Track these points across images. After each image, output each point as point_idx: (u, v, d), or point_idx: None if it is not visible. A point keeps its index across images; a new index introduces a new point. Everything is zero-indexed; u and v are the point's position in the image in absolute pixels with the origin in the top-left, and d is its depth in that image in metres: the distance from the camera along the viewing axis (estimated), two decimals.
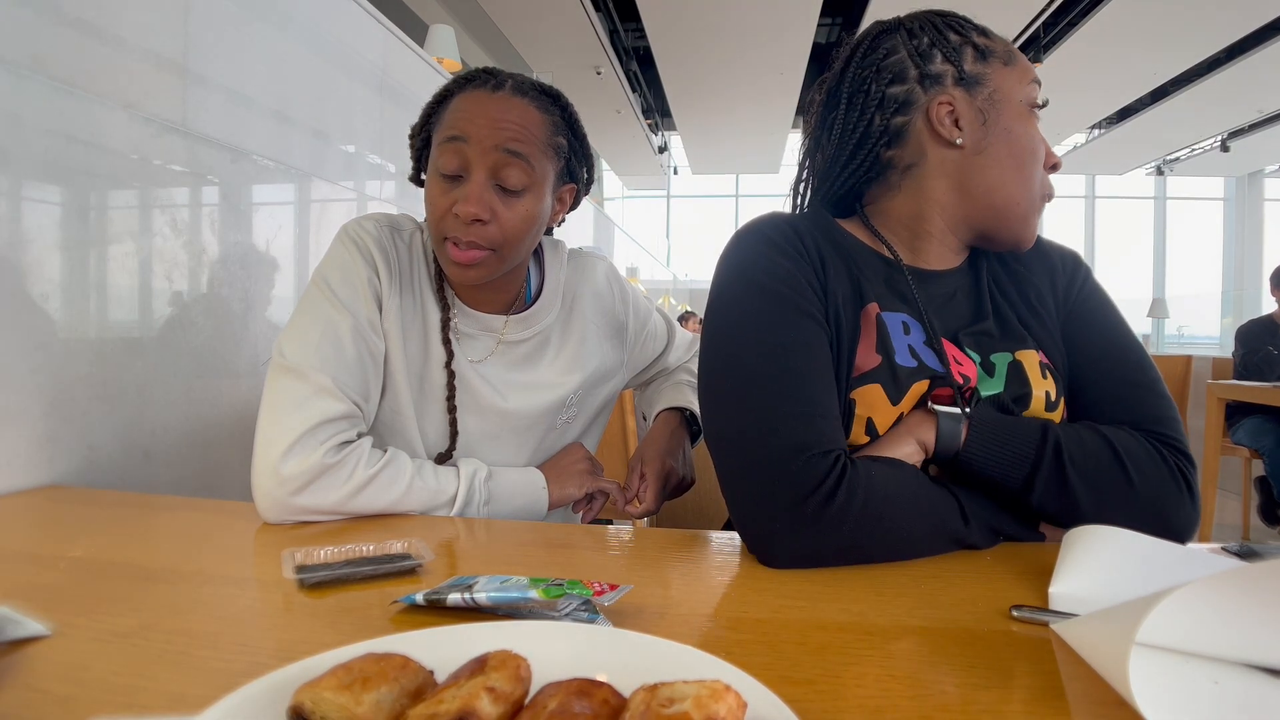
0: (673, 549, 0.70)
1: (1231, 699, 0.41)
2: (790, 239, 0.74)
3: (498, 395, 0.91)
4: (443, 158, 0.80)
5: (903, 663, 0.46)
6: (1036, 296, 0.79)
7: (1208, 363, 4.16)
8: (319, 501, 0.76)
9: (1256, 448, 3.06)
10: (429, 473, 0.83)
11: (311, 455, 0.75)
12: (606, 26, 6.10)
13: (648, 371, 1.14)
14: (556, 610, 0.48)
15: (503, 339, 0.92)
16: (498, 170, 0.80)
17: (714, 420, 0.70)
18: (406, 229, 0.91)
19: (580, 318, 0.98)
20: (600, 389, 1.01)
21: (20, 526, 0.78)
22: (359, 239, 0.86)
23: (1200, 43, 5.80)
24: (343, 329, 0.81)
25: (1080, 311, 0.80)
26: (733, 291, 0.73)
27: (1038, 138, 0.75)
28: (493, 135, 0.80)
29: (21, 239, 0.95)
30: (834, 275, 0.74)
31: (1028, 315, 0.79)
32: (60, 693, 0.41)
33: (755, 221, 0.79)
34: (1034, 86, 0.75)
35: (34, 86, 0.95)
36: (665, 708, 0.31)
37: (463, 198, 0.79)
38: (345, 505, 0.77)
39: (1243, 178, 10.10)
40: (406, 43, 1.99)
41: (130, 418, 1.10)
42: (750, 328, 0.70)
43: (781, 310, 0.70)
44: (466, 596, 0.50)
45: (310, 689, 0.33)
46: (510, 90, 0.84)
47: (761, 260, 0.73)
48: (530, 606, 0.48)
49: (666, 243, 12.60)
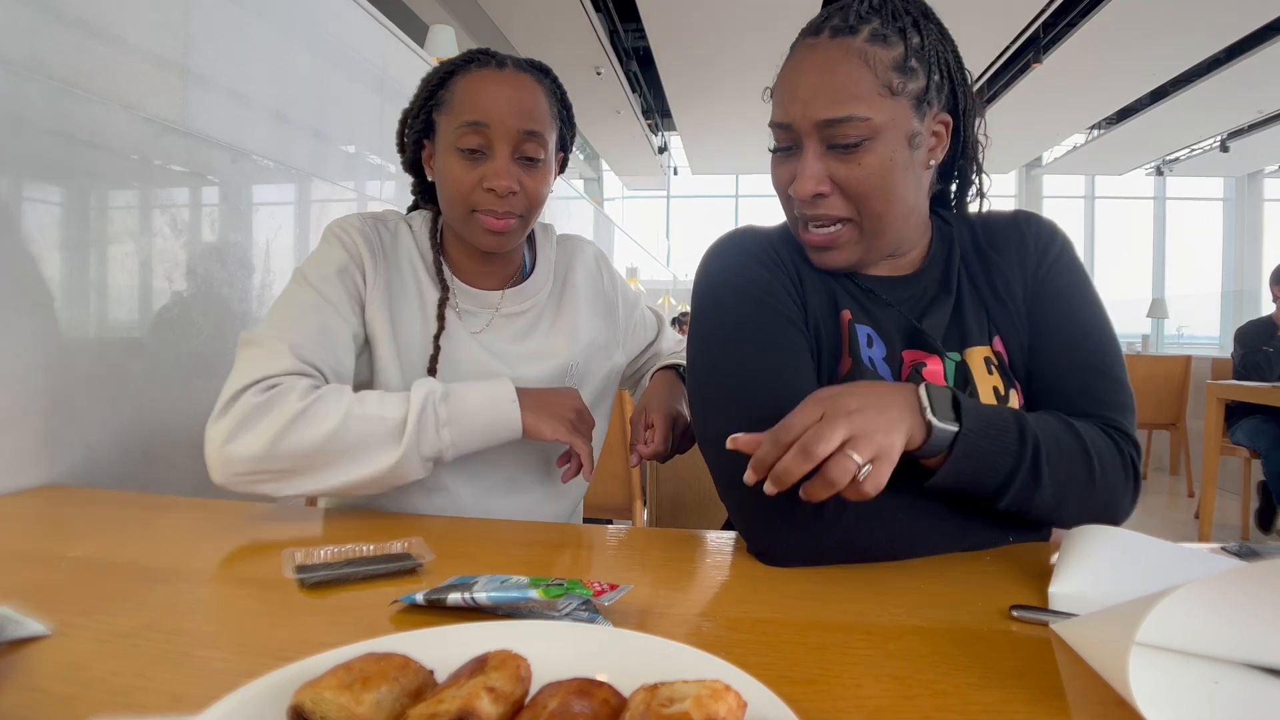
0: (673, 549, 0.70)
1: (1231, 699, 0.41)
2: (767, 251, 0.76)
3: (503, 364, 0.92)
4: (464, 139, 0.84)
5: (903, 663, 0.46)
6: (1003, 282, 0.78)
7: (1207, 363, 4.16)
8: (248, 448, 0.73)
9: (1254, 448, 3.06)
10: (371, 400, 0.77)
11: (243, 401, 0.75)
12: (606, 26, 6.10)
13: (642, 358, 1.15)
14: (556, 610, 0.48)
15: (500, 312, 0.95)
16: (519, 146, 0.85)
17: (708, 423, 0.70)
18: (391, 220, 0.95)
19: (573, 292, 1.01)
20: (600, 362, 1.02)
21: (20, 526, 0.78)
22: (340, 233, 0.89)
23: (1200, 43, 5.80)
24: (306, 304, 0.84)
25: (1045, 291, 0.77)
26: (716, 298, 0.74)
27: (774, 167, 0.75)
28: (514, 117, 0.84)
29: (21, 239, 0.95)
30: (810, 287, 0.75)
31: (994, 303, 0.77)
32: (60, 693, 0.41)
33: (730, 235, 0.80)
34: (770, 120, 0.73)
35: (34, 86, 0.95)
36: (665, 708, 0.31)
37: (492, 174, 0.84)
38: (276, 447, 0.73)
39: (1242, 178, 10.10)
40: (406, 43, 1.99)
41: (130, 418, 1.10)
42: (738, 331, 0.71)
43: (766, 315, 0.71)
44: (466, 596, 0.50)
45: (310, 689, 0.33)
46: (514, 68, 0.88)
47: (742, 270, 0.74)
48: (530, 606, 0.48)
49: (666, 243, 12.60)
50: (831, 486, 0.54)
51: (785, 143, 0.72)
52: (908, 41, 0.68)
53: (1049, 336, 0.75)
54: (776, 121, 0.71)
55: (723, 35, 5.87)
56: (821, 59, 0.68)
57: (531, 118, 0.85)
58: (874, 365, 0.72)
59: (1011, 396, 0.73)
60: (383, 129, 1.85)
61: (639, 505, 1.71)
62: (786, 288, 0.74)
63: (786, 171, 0.72)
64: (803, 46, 0.70)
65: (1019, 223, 0.81)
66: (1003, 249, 0.79)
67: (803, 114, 0.68)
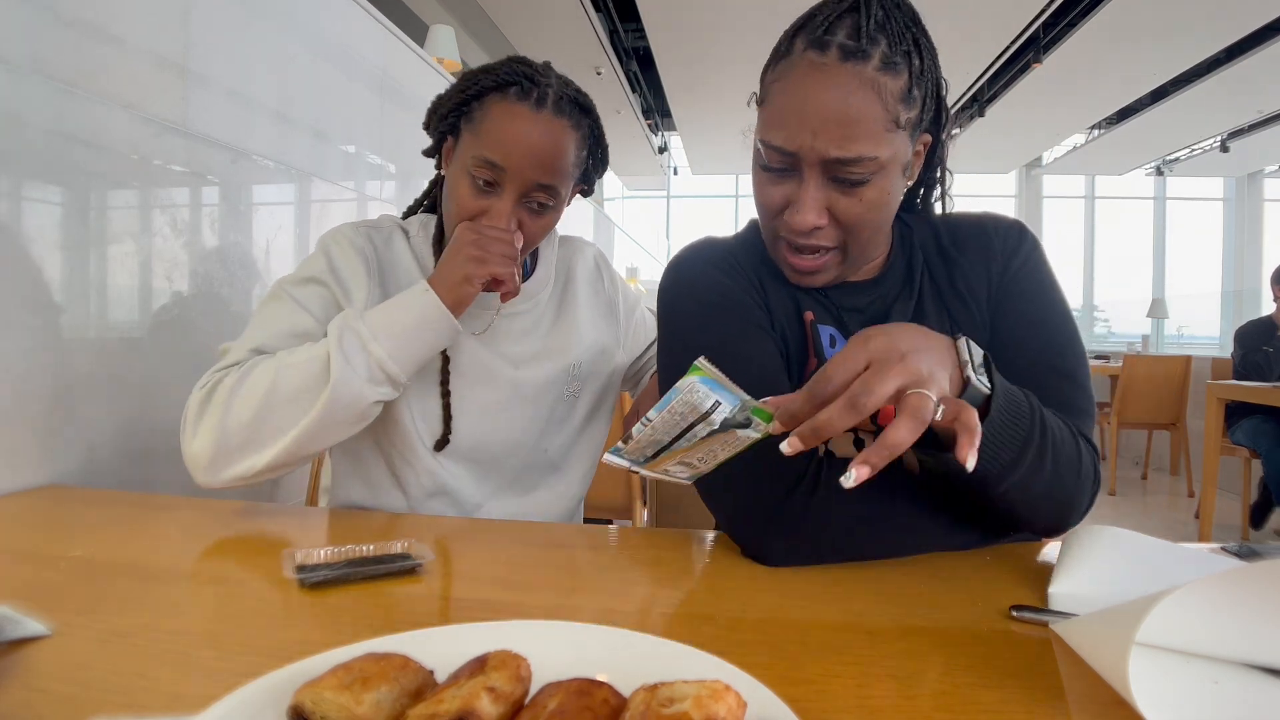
0: (673, 549, 0.70)
1: (1231, 699, 0.41)
2: (727, 260, 0.76)
3: (507, 364, 0.92)
4: (478, 169, 0.82)
5: (902, 663, 0.46)
6: (965, 283, 0.77)
7: (1207, 363, 4.16)
8: (203, 439, 0.75)
9: (1254, 448, 3.06)
10: (300, 350, 0.78)
11: (189, 406, 0.77)
12: (606, 26, 6.09)
13: (642, 359, 1.15)
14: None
15: (500, 313, 0.94)
16: (529, 193, 0.84)
17: None
18: (385, 226, 0.94)
19: (573, 292, 1.01)
20: (601, 362, 1.02)
21: (20, 526, 0.78)
22: (330, 244, 0.88)
23: (1200, 43, 5.79)
24: (276, 309, 0.84)
25: (1011, 290, 0.76)
26: (685, 308, 0.74)
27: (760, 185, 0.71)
28: (531, 168, 0.82)
29: (22, 239, 0.95)
30: (773, 292, 0.76)
31: (955, 304, 0.77)
32: (60, 693, 0.41)
33: (690, 247, 0.80)
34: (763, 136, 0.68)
35: (34, 86, 0.95)
36: (665, 708, 0.31)
37: (494, 213, 0.83)
38: (225, 426, 0.74)
39: (1242, 178, 10.09)
40: (406, 43, 1.99)
41: (130, 418, 1.10)
42: (709, 337, 0.71)
43: (735, 322, 0.72)
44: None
45: (310, 689, 0.33)
46: (551, 111, 0.83)
47: (706, 280, 0.75)
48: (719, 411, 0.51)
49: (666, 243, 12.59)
50: (917, 428, 0.48)
51: (780, 165, 0.68)
52: (911, 66, 0.65)
53: (1013, 338, 0.74)
54: (777, 146, 0.66)
55: (723, 35, 5.87)
56: (834, 87, 0.63)
57: (550, 171, 0.83)
58: None
59: None
60: (383, 129, 1.85)
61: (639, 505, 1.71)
62: (750, 294, 0.74)
63: (779, 194, 0.69)
64: (809, 65, 0.65)
65: (985, 224, 0.80)
66: (965, 249, 0.78)
67: (811, 146, 0.64)
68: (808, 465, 0.63)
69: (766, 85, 0.69)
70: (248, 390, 0.75)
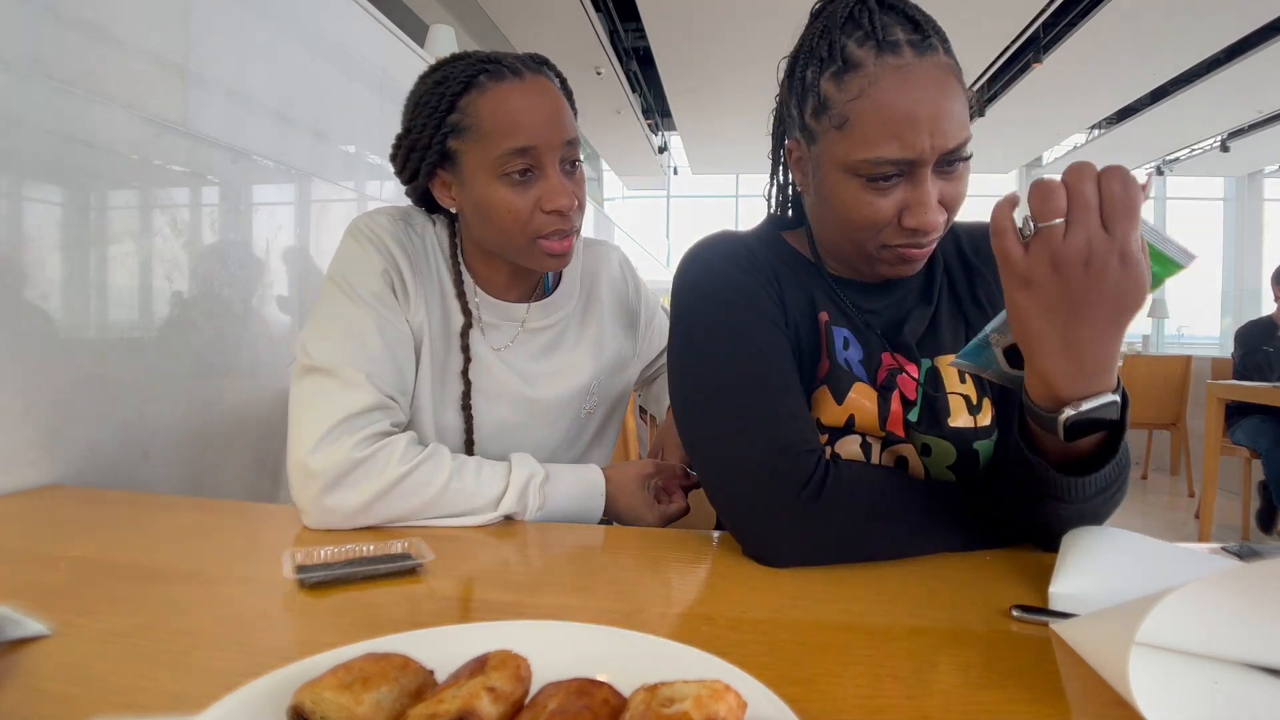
0: (673, 549, 0.70)
1: (1231, 699, 0.41)
2: (744, 256, 0.75)
3: (525, 384, 0.91)
4: (509, 164, 0.79)
5: (903, 663, 0.46)
6: (986, 293, 0.78)
7: (1207, 363, 4.16)
8: (348, 500, 0.73)
9: (1254, 447, 3.06)
10: (469, 473, 0.78)
11: (340, 448, 0.73)
12: (606, 27, 6.09)
13: (654, 365, 1.15)
14: None
15: (525, 327, 0.92)
16: (565, 158, 0.83)
17: (696, 428, 0.70)
18: (418, 221, 0.90)
19: (598, 305, 0.99)
20: (618, 378, 1.01)
21: (20, 526, 0.78)
22: (373, 234, 0.85)
23: (1200, 43, 5.79)
24: (366, 323, 0.81)
25: None
26: (699, 305, 0.74)
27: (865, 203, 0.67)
28: (555, 131, 0.81)
29: (21, 239, 0.95)
30: (789, 290, 0.75)
31: (974, 313, 0.77)
32: (60, 693, 0.41)
33: (705, 241, 0.79)
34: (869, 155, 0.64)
35: (34, 86, 0.95)
36: (665, 708, 0.31)
37: (550, 195, 0.80)
38: (374, 506, 0.74)
39: (1243, 178, 10.09)
40: (406, 43, 1.99)
41: (130, 418, 1.10)
42: (722, 336, 0.70)
43: (749, 319, 0.71)
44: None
45: (310, 689, 0.33)
46: (530, 74, 0.82)
47: (722, 275, 0.74)
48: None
49: (666, 243, 12.59)
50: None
51: (890, 173, 0.65)
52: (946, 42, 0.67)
53: None
54: (892, 159, 0.63)
55: (723, 35, 5.86)
56: (929, 84, 0.63)
57: (568, 124, 0.82)
58: (850, 367, 0.72)
59: (985, 406, 0.73)
60: (383, 129, 1.85)
61: None
62: (766, 290, 0.73)
63: (889, 205, 0.66)
64: (893, 70, 0.63)
65: None
66: (988, 260, 0.78)
67: (930, 146, 0.63)
68: (814, 467, 0.63)
69: (844, 106, 0.65)
70: (411, 491, 0.75)
